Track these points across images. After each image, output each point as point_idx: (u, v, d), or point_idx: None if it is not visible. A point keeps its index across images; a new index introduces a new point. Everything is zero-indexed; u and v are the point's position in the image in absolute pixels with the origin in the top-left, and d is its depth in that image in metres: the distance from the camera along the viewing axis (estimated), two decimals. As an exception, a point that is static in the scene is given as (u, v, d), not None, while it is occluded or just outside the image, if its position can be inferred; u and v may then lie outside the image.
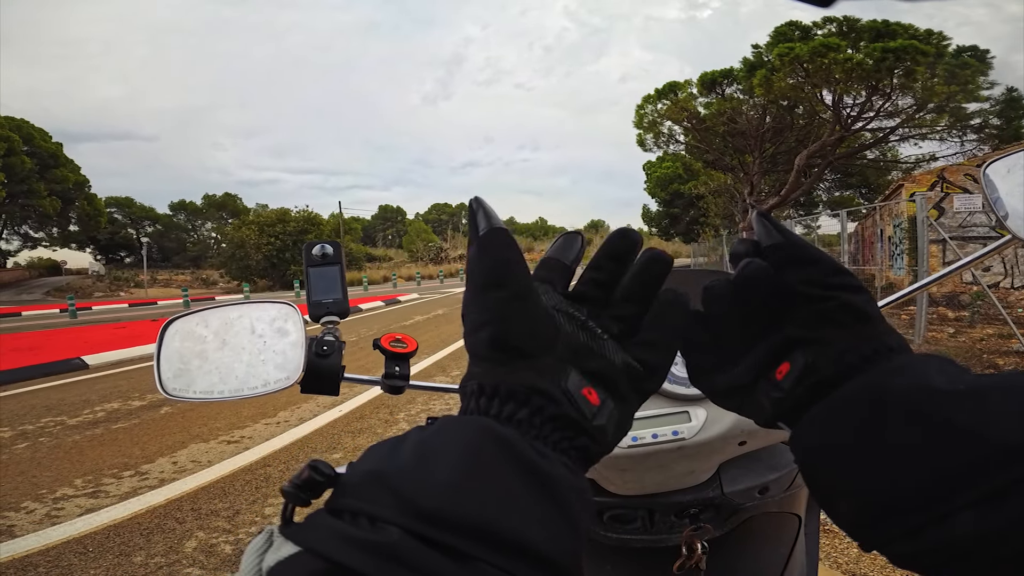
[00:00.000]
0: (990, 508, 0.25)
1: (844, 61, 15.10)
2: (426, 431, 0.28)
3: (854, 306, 0.34)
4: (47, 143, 42.58)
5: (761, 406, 0.36)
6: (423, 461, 0.26)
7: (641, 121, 22.38)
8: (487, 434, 0.28)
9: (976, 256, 0.67)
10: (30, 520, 3.22)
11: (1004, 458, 0.25)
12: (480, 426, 0.28)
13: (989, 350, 6.61)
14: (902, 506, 0.27)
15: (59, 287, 38.46)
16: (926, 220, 7.37)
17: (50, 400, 6.24)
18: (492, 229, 0.34)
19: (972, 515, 0.25)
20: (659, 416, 0.63)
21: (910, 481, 0.27)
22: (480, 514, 0.24)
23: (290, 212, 38.92)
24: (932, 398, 0.28)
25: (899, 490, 0.27)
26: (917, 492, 0.27)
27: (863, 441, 0.29)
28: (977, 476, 0.26)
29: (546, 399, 0.30)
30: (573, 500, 0.28)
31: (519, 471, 0.27)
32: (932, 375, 0.29)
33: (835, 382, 0.32)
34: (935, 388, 0.28)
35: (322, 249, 0.76)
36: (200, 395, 0.69)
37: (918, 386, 0.29)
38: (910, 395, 0.29)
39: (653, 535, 0.69)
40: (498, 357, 0.31)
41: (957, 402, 0.28)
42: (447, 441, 0.27)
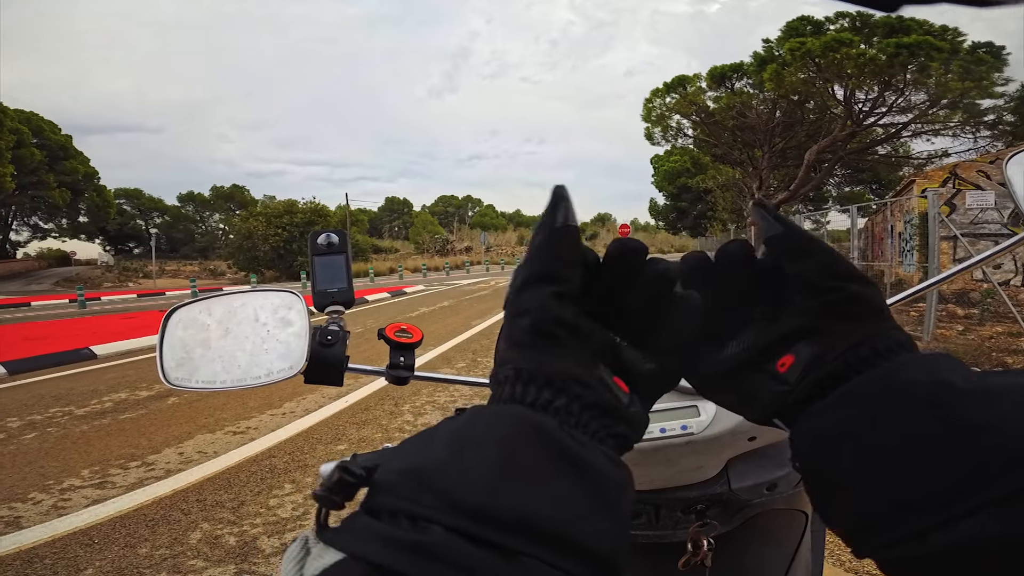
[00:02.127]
0: (1007, 512, 0.23)
1: (857, 56, 14.96)
2: (458, 421, 0.27)
3: (865, 298, 0.33)
4: (56, 135, 42.88)
5: (758, 400, 0.34)
6: (460, 454, 0.25)
7: (649, 115, 22.28)
8: (525, 424, 0.27)
9: (992, 252, 0.66)
10: (37, 511, 3.25)
11: (1020, 458, 0.24)
12: (517, 415, 0.27)
13: (998, 348, 6.55)
14: (913, 505, 0.25)
15: (68, 277, 38.73)
16: (937, 216, 7.29)
17: (59, 390, 6.29)
18: (567, 226, 0.33)
19: (988, 517, 0.23)
20: (667, 410, 0.62)
21: (923, 479, 0.25)
22: (524, 508, 0.24)
23: (297, 204, 39.00)
24: (948, 393, 0.27)
25: (910, 488, 0.25)
26: (930, 491, 0.25)
27: (876, 435, 0.27)
28: (996, 476, 0.24)
29: (583, 386, 0.30)
30: (615, 491, 0.27)
31: (560, 462, 0.26)
32: (946, 372, 0.28)
33: (845, 376, 0.31)
34: (949, 383, 0.27)
35: (327, 238, 0.75)
36: (203, 384, 0.68)
37: (935, 381, 0.27)
38: (928, 389, 0.27)
39: (659, 531, 0.69)
40: (537, 343, 0.31)
41: (974, 398, 0.26)
42: (484, 432, 0.26)
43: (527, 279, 0.32)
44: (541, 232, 0.33)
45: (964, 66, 14.59)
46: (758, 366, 0.34)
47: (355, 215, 50.84)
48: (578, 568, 0.23)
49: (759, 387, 0.34)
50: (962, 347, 6.29)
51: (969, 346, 6.48)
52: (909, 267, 12.40)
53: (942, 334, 7.40)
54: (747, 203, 23.61)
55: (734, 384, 0.35)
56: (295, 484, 3.47)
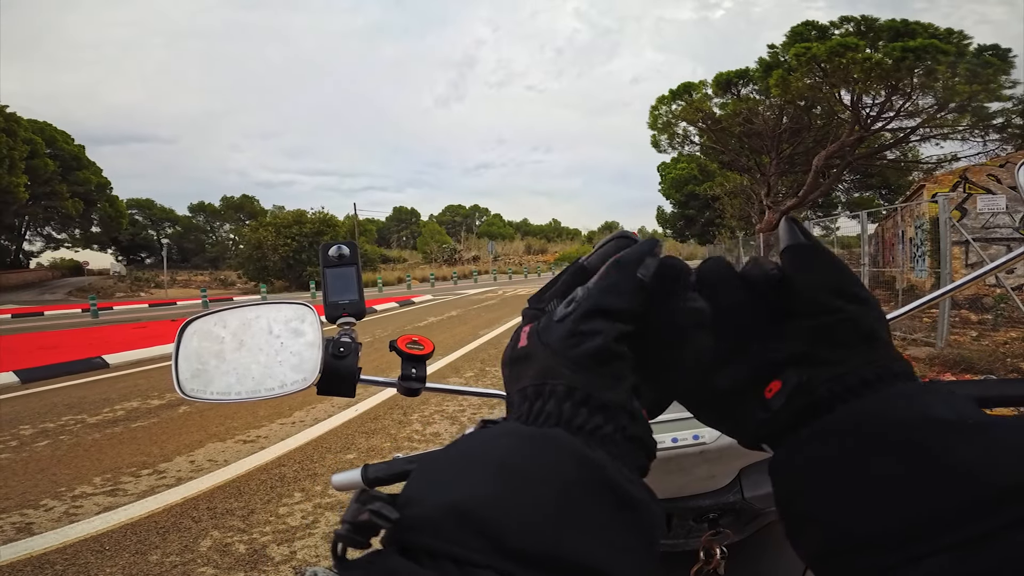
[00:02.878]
0: (971, 553, 0.22)
1: (863, 61, 14.90)
2: (494, 443, 0.26)
3: (860, 323, 0.32)
4: (70, 145, 43.44)
5: (744, 425, 0.34)
6: (511, 490, 0.23)
7: (656, 122, 22.26)
8: (578, 458, 0.26)
9: (1006, 259, 0.65)
10: (49, 518, 3.27)
11: (996, 500, 0.23)
12: (568, 446, 0.26)
13: (1013, 354, 6.47)
14: (879, 542, 0.25)
15: (81, 287, 39.12)
16: (948, 221, 7.23)
17: (71, 398, 6.34)
18: (649, 280, 0.33)
19: (949, 559, 0.23)
20: (680, 420, 0.62)
21: (893, 517, 0.25)
22: (585, 556, 0.22)
23: (306, 213, 39.27)
24: (932, 430, 0.26)
25: (879, 526, 0.25)
26: (899, 530, 0.24)
27: (849, 470, 0.27)
28: (965, 518, 0.23)
29: (631, 418, 0.29)
30: (657, 528, 0.27)
31: (616, 504, 0.25)
32: (935, 405, 0.27)
33: (829, 406, 0.30)
34: (937, 419, 0.26)
35: (339, 250, 0.76)
36: (217, 396, 0.69)
37: (918, 417, 0.27)
38: (907, 426, 0.26)
39: (671, 539, 0.69)
40: (598, 370, 0.30)
41: (959, 435, 0.25)
42: (532, 463, 0.25)
43: (598, 307, 0.31)
44: (621, 271, 0.32)
45: (971, 69, 14.49)
46: (747, 391, 0.33)
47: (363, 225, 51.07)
48: None
49: (746, 412, 0.33)
50: (976, 353, 6.22)
51: (983, 352, 6.41)
52: (921, 272, 12.29)
53: (956, 340, 7.33)
54: (755, 210, 23.52)
55: (724, 409, 0.35)
56: (304, 493, 3.48)
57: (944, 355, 6.22)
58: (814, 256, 0.33)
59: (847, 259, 15.44)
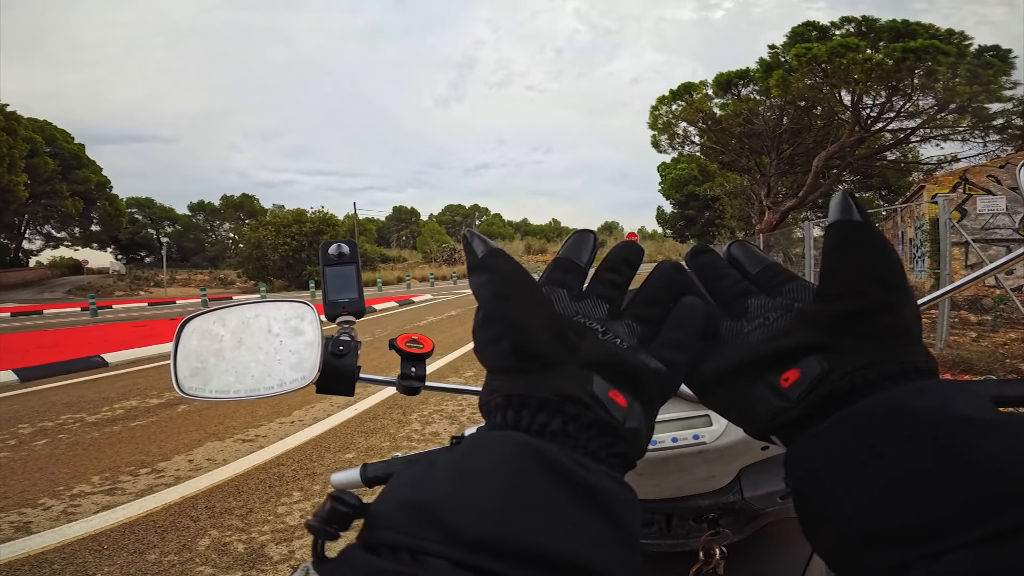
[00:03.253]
0: (995, 548, 0.22)
1: (863, 61, 14.92)
2: (457, 451, 0.27)
3: (890, 316, 0.30)
4: (70, 144, 43.41)
5: (756, 414, 0.32)
6: (463, 485, 0.25)
7: (656, 122, 22.29)
8: (526, 450, 0.26)
9: (1006, 260, 0.65)
10: (47, 517, 3.27)
11: (1020, 496, 0.23)
12: (518, 441, 0.27)
13: (1012, 355, 6.48)
14: (900, 537, 0.24)
15: (80, 286, 39.11)
16: (948, 222, 7.23)
17: (70, 397, 6.34)
18: (490, 250, 0.34)
19: (974, 553, 0.22)
20: (680, 420, 0.62)
21: (916, 511, 0.24)
22: (533, 538, 0.23)
23: (306, 213, 39.28)
24: (955, 425, 0.25)
25: (901, 519, 0.25)
26: (922, 524, 0.24)
27: (871, 464, 0.26)
28: (990, 512, 0.23)
29: (579, 406, 0.29)
30: (625, 513, 0.26)
31: (565, 488, 0.25)
32: (958, 402, 0.26)
33: (849, 398, 0.29)
34: (960, 415, 0.26)
35: (338, 248, 0.76)
36: (216, 394, 0.69)
37: (941, 412, 0.26)
38: (931, 420, 0.26)
39: (670, 539, 0.68)
40: (522, 366, 0.30)
41: (982, 431, 0.25)
42: (485, 461, 0.26)
43: (488, 303, 0.32)
44: (473, 271, 0.35)
45: (971, 70, 14.51)
46: (761, 377, 0.32)
47: (363, 224, 51.08)
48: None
49: (759, 400, 0.32)
50: (975, 354, 6.22)
51: (982, 353, 6.41)
52: (920, 273, 12.29)
53: (955, 341, 7.33)
54: (755, 211, 23.52)
55: (734, 393, 0.33)
56: (303, 492, 3.48)
57: (943, 356, 6.23)
58: (861, 234, 0.32)
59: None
